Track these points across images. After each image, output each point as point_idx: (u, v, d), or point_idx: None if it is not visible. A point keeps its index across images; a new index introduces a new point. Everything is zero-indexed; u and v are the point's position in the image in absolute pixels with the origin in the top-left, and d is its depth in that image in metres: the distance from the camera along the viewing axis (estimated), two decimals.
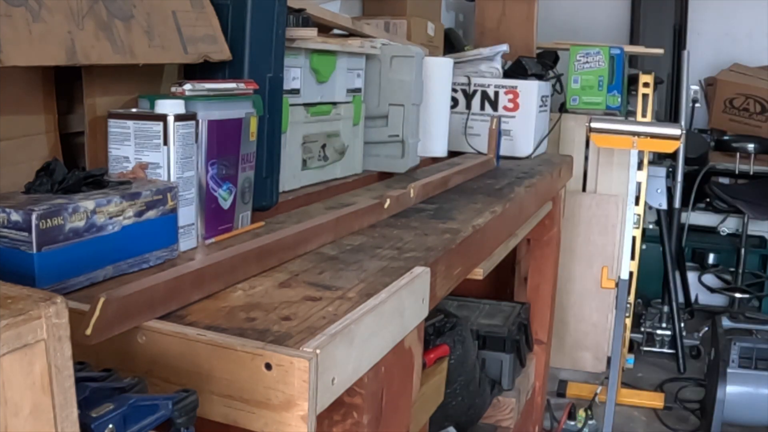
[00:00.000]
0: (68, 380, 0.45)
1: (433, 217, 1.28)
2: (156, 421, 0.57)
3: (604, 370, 3.10)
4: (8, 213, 0.76)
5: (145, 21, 1.04)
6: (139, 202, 0.88)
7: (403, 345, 0.90)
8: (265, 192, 1.25)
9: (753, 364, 2.55)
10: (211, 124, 1.03)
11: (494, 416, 1.99)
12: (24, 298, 0.44)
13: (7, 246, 0.76)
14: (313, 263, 0.98)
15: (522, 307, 2.21)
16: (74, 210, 0.80)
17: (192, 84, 1.03)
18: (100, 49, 0.96)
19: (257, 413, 0.67)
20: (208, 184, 1.05)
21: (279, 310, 0.79)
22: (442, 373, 1.43)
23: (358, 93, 1.66)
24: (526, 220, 1.72)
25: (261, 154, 1.20)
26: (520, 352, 2.08)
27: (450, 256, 1.10)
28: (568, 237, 3.02)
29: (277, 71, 1.23)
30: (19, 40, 0.85)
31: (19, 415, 0.42)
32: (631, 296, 3.04)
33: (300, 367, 0.65)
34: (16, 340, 0.42)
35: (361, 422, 0.81)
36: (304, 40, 1.40)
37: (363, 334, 0.77)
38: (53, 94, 1.04)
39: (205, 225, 1.06)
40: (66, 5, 0.93)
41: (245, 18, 1.17)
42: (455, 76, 2.25)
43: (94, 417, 0.52)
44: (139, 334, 0.72)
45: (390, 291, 0.86)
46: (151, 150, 0.97)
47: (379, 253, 1.04)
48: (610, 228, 3.13)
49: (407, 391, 0.96)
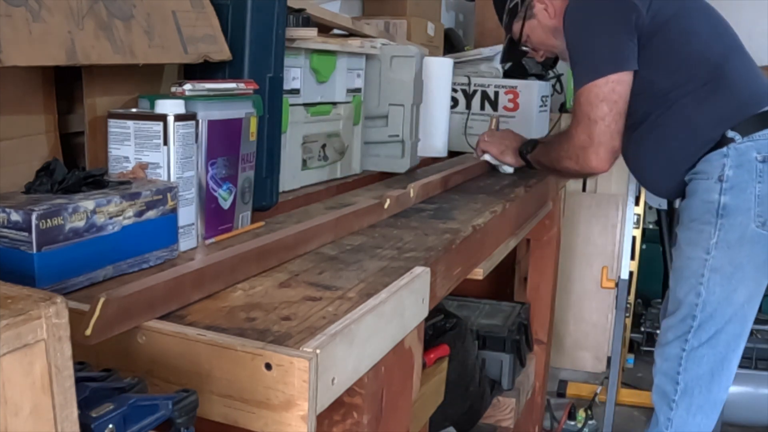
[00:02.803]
0: (68, 380, 0.45)
1: (433, 217, 1.28)
2: (156, 421, 0.57)
3: (604, 370, 3.11)
4: (8, 213, 0.76)
5: (145, 21, 1.04)
6: (139, 202, 0.88)
7: (403, 345, 0.90)
8: (265, 192, 1.25)
9: (753, 364, 2.55)
10: (211, 124, 1.03)
11: (494, 416, 1.99)
12: (24, 298, 0.44)
13: (7, 246, 0.76)
14: (313, 263, 0.98)
15: (522, 307, 2.21)
16: (74, 210, 0.80)
17: (192, 84, 1.03)
18: (100, 49, 0.96)
19: (257, 413, 0.67)
20: (208, 184, 1.05)
21: (279, 310, 0.79)
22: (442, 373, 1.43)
23: (358, 93, 1.66)
24: (526, 220, 1.72)
25: (261, 154, 1.20)
26: (520, 352, 2.08)
27: (450, 256, 1.10)
28: (568, 237, 3.02)
29: (277, 71, 1.23)
30: (19, 40, 0.85)
31: (19, 415, 0.42)
32: (631, 296, 3.04)
33: (300, 367, 0.65)
34: (16, 340, 0.42)
35: (361, 422, 0.81)
36: (304, 40, 1.40)
37: (363, 334, 0.77)
38: (53, 94, 1.04)
39: (205, 225, 1.06)
40: (66, 5, 0.93)
41: (245, 18, 1.17)
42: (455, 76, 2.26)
43: (94, 417, 0.52)
44: (139, 334, 0.72)
45: (390, 291, 0.86)
46: (151, 150, 0.97)
47: (379, 253, 1.04)
48: (610, 228, 3.14)
49: (407, 391, 0.96)
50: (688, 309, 1.62)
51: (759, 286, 1.63)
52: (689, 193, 1.64)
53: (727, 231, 1.57)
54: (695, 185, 1.62)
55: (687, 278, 1.62)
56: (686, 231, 1.64)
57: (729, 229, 1.56)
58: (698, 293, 1.60)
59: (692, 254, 1.61)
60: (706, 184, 1.59)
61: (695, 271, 1.60)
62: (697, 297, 1.60)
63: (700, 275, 1.59)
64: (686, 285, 1.62)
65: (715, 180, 1.57)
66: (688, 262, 1.62)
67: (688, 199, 1.65)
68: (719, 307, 1.59)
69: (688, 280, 1.62)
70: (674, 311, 1.66)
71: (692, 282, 1.61)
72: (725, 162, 1.56)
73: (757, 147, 1.56)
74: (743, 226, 1.56)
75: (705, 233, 1.59)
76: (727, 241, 1.57)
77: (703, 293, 1.59)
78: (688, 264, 1.62)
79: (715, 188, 1.57)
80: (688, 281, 1.62)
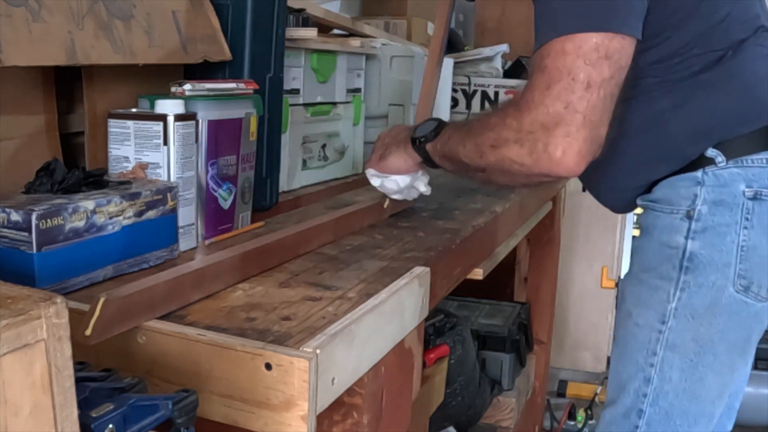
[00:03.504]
0: (68, 380, 0.45)
1: (433, 217, 1.28)
2: (156, 421, 0.57)
3: (604, 370, 3.10)
4: (8, 213, 0.76)
5: (145, 21, 1.04)
6: (139, 202, 0.88)
7: (403, 345, 0.90)
8: (265, 192, 1.25)
9: (753, 364, 2.55)
10: (211, 124, 1.03)
11: (494, 416, 1.99)
12: (24, 298, 0.44)
13: (7, 246, 0.76)
14: (313, 263, 0.98)
15: (522, 307, 2.21)
16: (74, 210, 0.80)
17: (192, 84, 1.03)
18: (100, 49, 0.96)
19: (257, 413, 0.67)
20: (208, 184, 1.05)
21: (279, 310, 0.79)
22: (442, 373, 1.43)
23: (358, 93, 1.66)
24: (526, 220, 1.72)
25: (261, 154, 1.20)
26: (520, 352, 2.08)
27: (450, 256, 1.10)
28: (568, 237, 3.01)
29: (277, 71, 1.23)
30: (19, 40, 0.85)
31: (19, 415, 0.42)
32: None
33: (300, 367, 0.65)
34: (16, 340, 0.42)
35: (361, 422, 0.81)
36: (304, 40, 1.40)
37: (363, 334, 0.77)
38: (53, 94, 1.04)
39: (205, 225, 1.06)
40: (66, 5, 0.93)
41: (245, 18, 1.17)
42: (455, 76, 2.26)
43: (94, 417, 0.52)
44: (139, 334, 0.72)
45: (390, 291, 0.86)
46: (151, 150, 0.97)
47: (379, 253, 1.04)
48: (610, 228, 3.13)
49: (407, 391, 0.96)
50: (633, 400, 1.14)
51: (733, 374, 1.13)
52: (644, 228, 1.16)
53: (693, 293, 1.08)
54: (652, 219, 1.13)
55: (632, 354, 1.14)
56: (636, 284, 1.15)
57: (696, 291, 1.08)
58: (647, 379, 1.12)
59: (641, 320, 1.13)
60: (667, 219, 1.11)
61: (644, 345, 1.12)
62: (645, 384, 1.13)
63: (651, 353, 1.12)
64: (631, 364, 1.14)
65: (682, 216, 1.09)
66: (636, 331, 1.14)
67: (642, 237, 1.16)
68: (677, 402, 1.11)
69: (633, 358, 1.14)
70: (615, 400, 1.18)
71: (639, 361, 1.13)
72: (698, 192, 1.08)
73: (747, 176, 1.06)
74: (717, 289, 1.07)
75: (661, 292, 1.10)
76: (692, 307, 1.09)
77: (655, 380, 1.12)
78: (634, 333, 1.14)
79: (681, 227, 1.09)
80: (633, 359, 1.14)
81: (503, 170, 1.01)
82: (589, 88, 0.92)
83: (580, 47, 0.92)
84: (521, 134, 0.95)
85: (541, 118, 0.93)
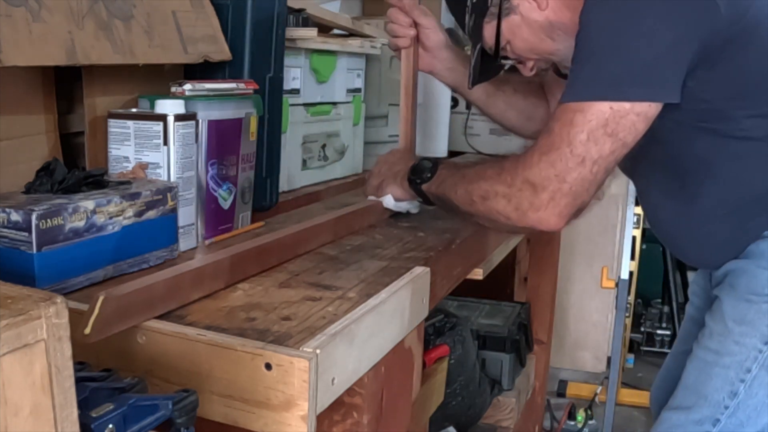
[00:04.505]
0: (68, 380, 0.45)
1: (433, 217, 1.28)
2: (156, 421, 0.57)
3: (604, 370, 3.11)
4: (8, 213, 0.76)
5: (145, 21, 1.04)
6: (139, 202, 0.88)
7: (403, 345, 0.90)
8: (265, 192, 1.25)
9: None
10: (211, 124, 1.03)
11: (494, 416, 1.99)
12: (24, 298, 0.44)
13: (7, 246, 0.76)
14: (313, 263, 0.98)
15: (522, 307, 2.21)
16: (74, 210, 0.80)
17: (192, 84, 1.03)
18: (100, 49, 0.96)
19: (257, 413, 0.67)
20: (208, 184, 1.05)
21: (279, 310, 0.79)
22: (442, 373, 1.43)
23: (358, 93, 1.66)
24: None
25: (261, 154, 1.20)
26: (520, 352, 2.08)
27: (450, 256, 1.10)
28: (568, 237, 3.01)
29: (277, 71, 1.23)
30: (19, 40, 0.85)
31: (19, 415, 0.42)
32: (631, 296, 3.04)
33: (300, 367, 0.65)
34: (16, 340, 0.42)
35: (361, 422, 0.81)
36: (304, 40, 1.40)
37: (363, 334, 0.77)
38: (53, 94, 1.04)
39: (205, 225, 1.06)
40: (66, 5, 0.93)
41: (245, 18, 1.17)
42: None
43: (94, 417, 0.52)
44: (139, 334, 0.72)
45: (390, 291, 0.86)
46: (151, 150, 0.97)
47: (379, 253, 1.04)
48: (610, 228, 3.13)
49: (407, 391, 0.96)
50: (713, 410, 1.18)
51: None
52: (758, 253, 1.18)
53: None
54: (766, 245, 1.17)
55: (724, 369, 1.17)
56: (741, 303, 1.18)
57: None
58: (734, 393, 1.16)
59: (742, 339, 1.16)
60: None
61: (741, 362, 1.16)
62: (731, 397, 1.16)
63: (746, 370, 1.15)
64: (720, 378, 1.17)
65: None
66: (734, 349, 1.17)
67: (755, 259, 1.18)
68: (754, 414, 1.16)
69: (724, 372, 1.17)
70: (690, 406, 1.20)
71: (730, 376, 1.16)
72: None
73: None
74: None
75: None
76: None
77: (741, 395, 1.16)
78: (732, 351, 1.17)
79: None
80: (724, 374, 1.17)
81: (490, 220, 1.10)
82: (582, 163, 1.00)
83: (590, 122, 0.99)
84: (512, 190, 1.04)
85: (532, 179, 1.02)
